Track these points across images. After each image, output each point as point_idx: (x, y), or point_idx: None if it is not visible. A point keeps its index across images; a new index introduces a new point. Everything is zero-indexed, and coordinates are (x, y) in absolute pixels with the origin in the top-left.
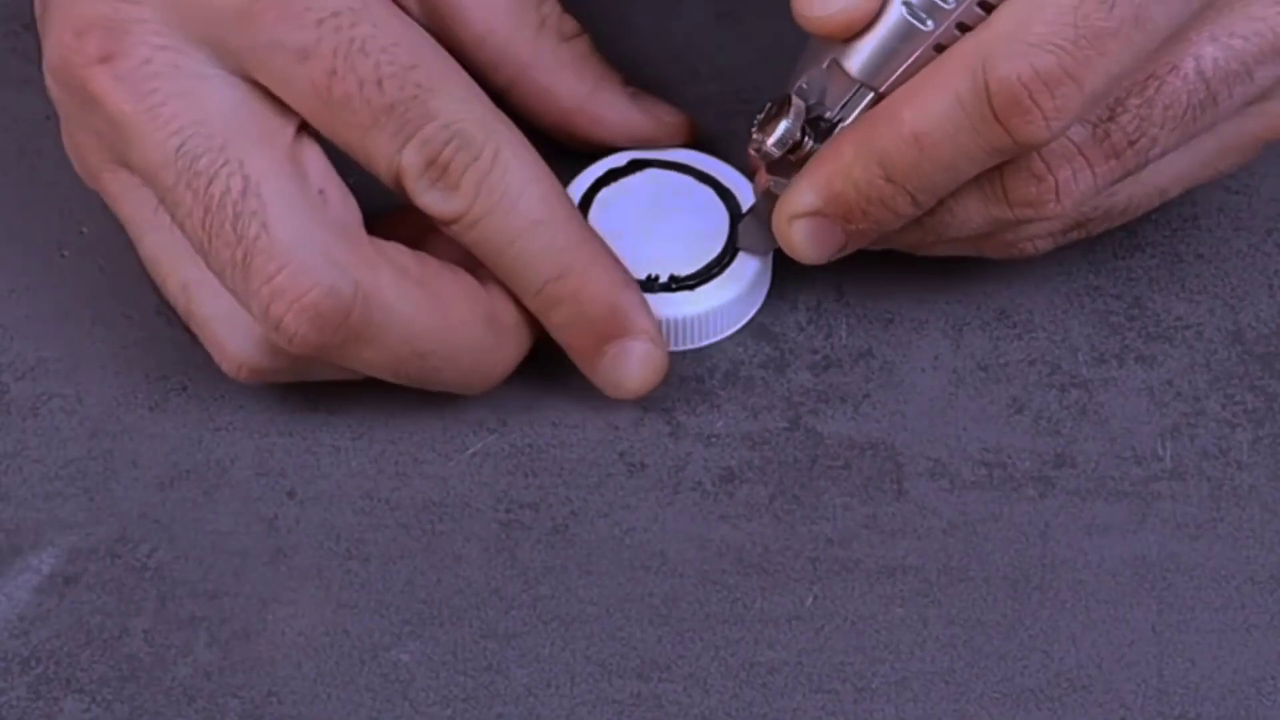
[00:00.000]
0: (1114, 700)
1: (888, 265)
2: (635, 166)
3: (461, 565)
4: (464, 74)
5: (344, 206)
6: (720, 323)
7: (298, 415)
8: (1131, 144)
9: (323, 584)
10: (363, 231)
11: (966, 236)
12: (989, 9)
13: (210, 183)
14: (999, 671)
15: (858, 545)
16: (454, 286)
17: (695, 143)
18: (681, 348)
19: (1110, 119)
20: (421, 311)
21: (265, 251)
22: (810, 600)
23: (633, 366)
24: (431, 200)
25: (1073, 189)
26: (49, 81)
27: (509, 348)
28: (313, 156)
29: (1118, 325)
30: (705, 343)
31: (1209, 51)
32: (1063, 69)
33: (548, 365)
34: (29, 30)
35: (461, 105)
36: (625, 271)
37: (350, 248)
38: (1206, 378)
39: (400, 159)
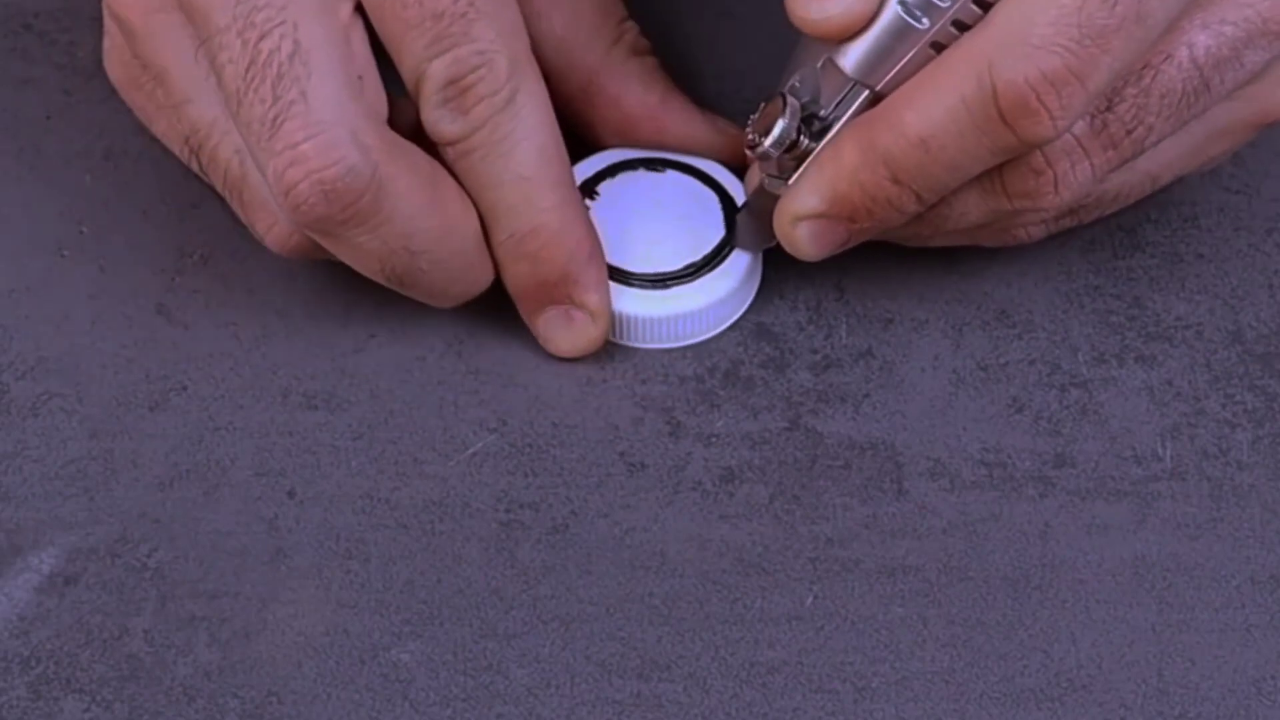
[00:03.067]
0: (1114, 700)
1: (888, 265)
2: (630, 165)
3: (461, 565)
4: (516, 11)
5: (376, 95)
6: (716, 317)
7: (298, 415)
8: (1129, 133)
9: (323, 584)
10: (386, 124)
11: (964, 229)
12: (985, 7)
13: (262, 37)
14: (999, 671)
15: (858, 545)
16: (457, 196)
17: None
18: (672, 344)
19: (1108, 109)
20: (425, 211)
21: (299, 117)
22: (810, 600)
23: (565, 333)
24: (438, 117)
25: (1071, 181)
26: None
27: (489, 268)
28: (360, 40)
29: (1118, 325)
30: (696, 339)
31: (1201, 39)
32: (1068, 69)
33: (548, 365)
34: (29, 30)
35: (501, 37)
36: (595, 246)
37: (377, 134)
38: (1206, 378)
39: (427, 68)
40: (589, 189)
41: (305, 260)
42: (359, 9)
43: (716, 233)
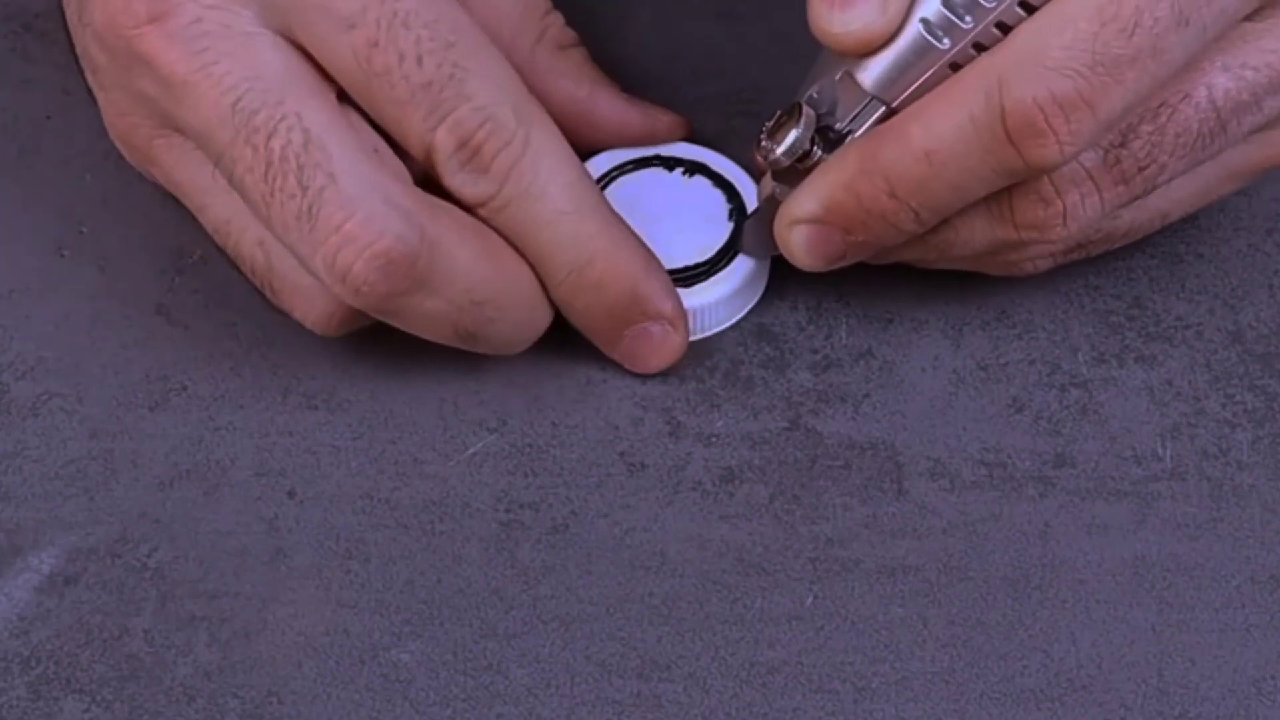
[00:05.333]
0: (1114, 700)
1: (888, 265)
2: (641, 163)
3: (461, 565)
4: (501, 57)
5: (395, 164)
6: (716, 316)
7: (298, 415)
8: (1141, 170)
9: (323, 584)
10: (414, 186)
11: (969, 255)
12: (1006, 30)
13: (270, 137)
14: (999, 671)
15: (858, 545)
16: (504, 242)
17: (692, 141)
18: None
19: (1122, 145)
20: (480, 260)
21: (333, 201)
22: (810, 600)
23: (649, 348)
24: (461, 182)
25: (1080, 214)
26: (94, 50)
27: (549, 307)
28: (358, 119)
29: (1118, 325)
30: (702, 335)
31: (1221, 81)
32: (1079, 94)
33: (548, 365)
34: (29, 30)
35: (497, 89)
36: (650, 256)
37: (412, 196)
38: (1206, 378)
39: (433, 138)
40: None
41: (350, 330)
42: (341, 97)
43: (724, 233)
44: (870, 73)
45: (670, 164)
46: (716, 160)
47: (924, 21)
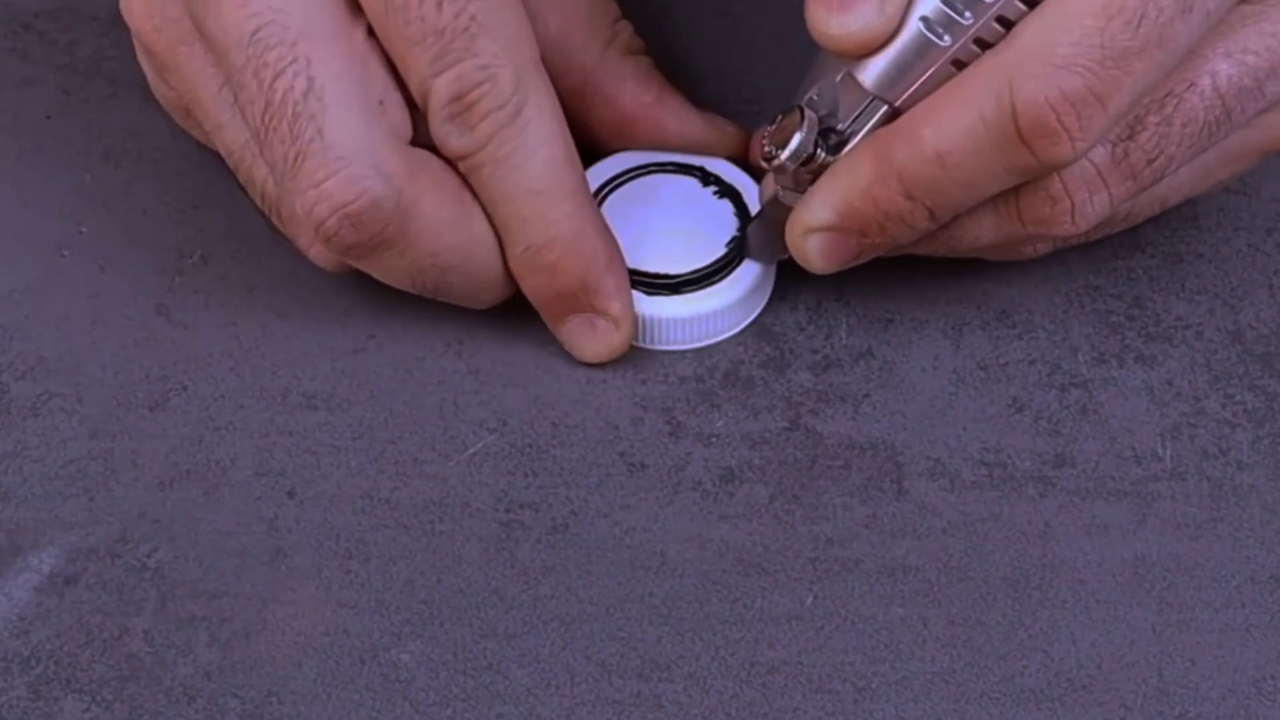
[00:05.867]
0: (1114, 700)
1: (888, 265)
2: (642, 170)
3: (461, 565)
4: (523, 21)
5: (400, 116)
6: (724, 323)
7: (298, 415)
8: (1150, 163)
9: (323, 584)
10: (408, 145)
11: (976, 249)
12: (1007, 25)
13: (276, 77)
14: (999, 671)
15: (858, 545)
16: (478, 205)
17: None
18: (683, 346)
19: (1130, 138)
20: (450, 228)
21: (318, 155)
22: (810, 600)
23: (590, 339)
24: (446, 131)
25: (1088, 211)
26: None
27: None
28: (378, 63)
29: (1118, 325)
30: (706, 342)
31: (1224, 68)
32: (1089, 90)
33: (548, 365)
34: (29, 30)
35: (505, 50)
36: (612, 253)
37: (399, 158)
38: (1206, 378)
39: (432, 84)
40: (605, 192)
41: (348, 270)
42: (372, 32)
43: (730, 239)
44: (871, 73)
45: (673, 169)
46: (717, 165)
47: (923, 19)
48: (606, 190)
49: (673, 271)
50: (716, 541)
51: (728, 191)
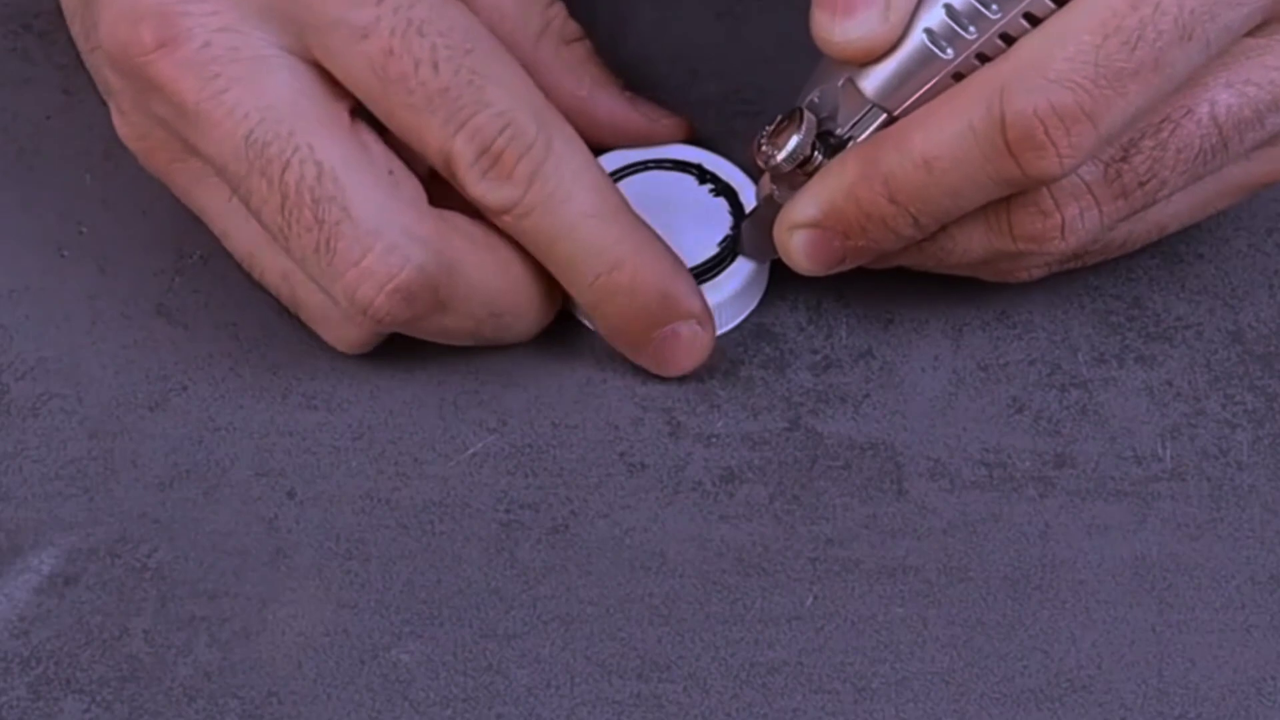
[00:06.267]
0: (1114, 700)
1: (877, 268)
2: (639, 166)
3: (461, 565)
4: (516, 63)
5: (410, 184)
6: (719, 320)
7: (298, 415)
8: (1142, 185)
9: (323, 584)
10: (429, 206)
11: (966, 264)
12: (1011, 41)
13: (284, 170)
14: (999, 671)
15: (858, 545)
16: (513, 247)
17: (692, 142)
18: None
19: (1123, 159)
20: (494, 275)
21: (349, 235)
22: (810, 600)
23: (679, 350)
24: (484, 190)
25: (1079, 228)
26: (107, 72)
27: (557, 298)
28: (372, 139)
29: (1118, 325)
30: None
31: (1223, 98)
32: (1080, 107)
33: (548, 365)
34: (29, 30)
35: (515, 94)
36: (675, 256)
37: (428, 222)
38: (1206, 378)
39: (452, 146)
40: None
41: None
42: (357, 111)
43: (723, 236)
44: (872, 81)
45: (670, 166)
46: (715, 162)
47: (927, 31)
48: None
49: None
50: (716, 541)
51: (723, 189)
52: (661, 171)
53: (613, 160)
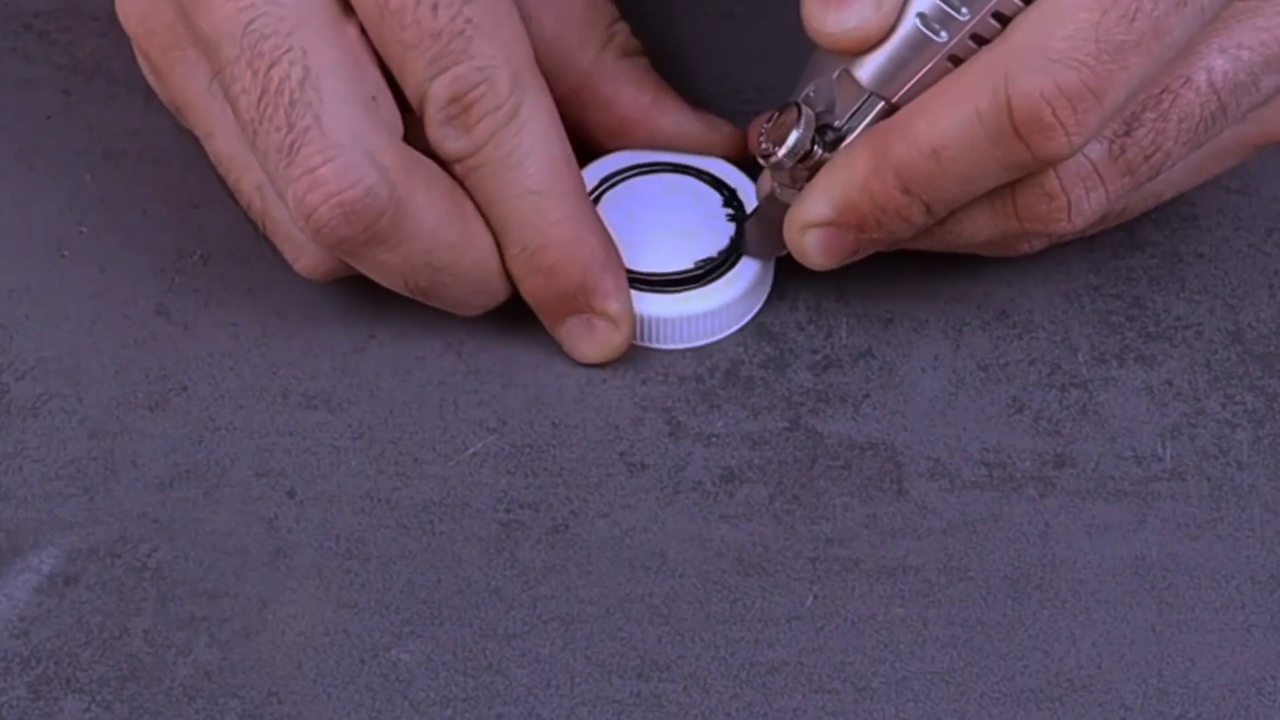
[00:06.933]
0: (1114, 700)
1: (888, 265)
2: (637, 170)
3: (461, 565)
4: (517, 23)
5: (391, 114)
6: (722, 321)
7: (298, 415)
8: (1147, 159)
9: (323, 584)
10: (402, 141)
11: (972, 245)
12: (1004, 21)
13: (271, 66)
14: (999, 671)
15: (858, 545)
16: (475, 210)
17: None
18: (682, 345)
19: (1126, 134)
20: (444, 225)
21: (315, 142)
22: (810, 600)
23: (589, 340)
24: (444, 134)
25: (1085, 208)
26: None
27: (508, 279)
28: (369, 61)
29: (1118, 325)
30: (705, 341)
31: (1219, 63)
32: (1084, 84)
33: (548, 365)
34: (29, 30)
35: (501, 52)
36: (610, 253)
37: (394, 152)
38: (1206, 378)
39: (429, 87)
40: (599, 192)
41: (337, 278)
42: (363, 33)
43: (726, 237)
44: (868, 70)
45: (666, 169)
46: (710, 161)
47: (920, 16)
48: (603, 189)
49: (670, 270)
50: (716, 541)
51: (724, 189)
52: (661, 174)
53: (613, 162)
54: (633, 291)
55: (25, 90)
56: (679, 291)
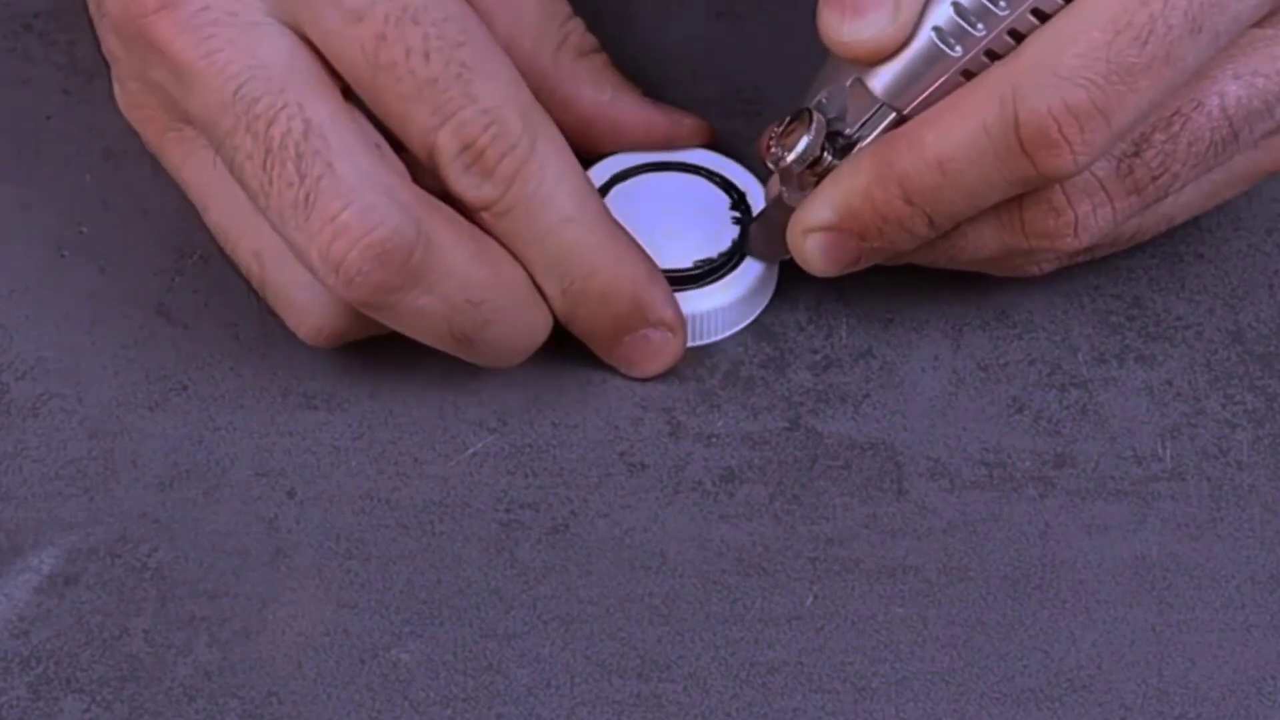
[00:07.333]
0: (1114, 700)
1: (888, 266)
2: (646, 168)
3: (461, 565)
4: (508, 60)
5: (395, 162)
6: (723, 321)
7: (298, 415)
8: (1154, 180)
9: (323, 584)
10: (413, 183)
11: (977, 260)
12: (1019, 38)
13: (270, 124)
14: (999, 671)
15: (858, 545)
16: (498, 245)
17: (710, 144)
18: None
19: (1135, 154)
20: (475, 261)
21: (330, 190)
22: (810, 600)
23: (648, 354)
24: (465, 185)
25: (1091, 225)
26: (111, 40)
27: (547, 314)
28: (362, 116)
29: (1118, 325)
30: (707, 341)
31: (1232, 89)
32: (1093, 104)
33: (548, 365)
34: (29, 30)
35: (503, 91)
36: (650, 263)
37: (410, 191)
38: (1206, 378)
39: (436, 137)
40: (606, 190)
41: (339, 344)
42: (347, 93)
43: (729, 239)
44: (882, 80)
45: (677, 168)
46: (719, 162)
47: (936, 29)
48: (608, 188)
49: (674, 269)
50: (716, 541)
51: (731, 190)
52: (667, 173)
53: (617, 163)
54: None
55: (25, 90)
56: (682, 290)
